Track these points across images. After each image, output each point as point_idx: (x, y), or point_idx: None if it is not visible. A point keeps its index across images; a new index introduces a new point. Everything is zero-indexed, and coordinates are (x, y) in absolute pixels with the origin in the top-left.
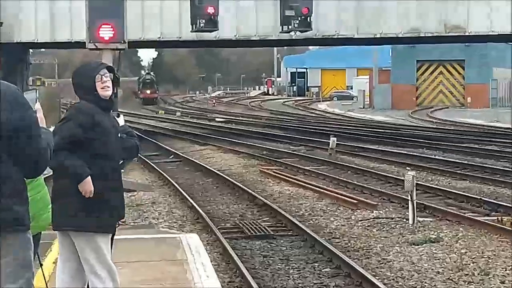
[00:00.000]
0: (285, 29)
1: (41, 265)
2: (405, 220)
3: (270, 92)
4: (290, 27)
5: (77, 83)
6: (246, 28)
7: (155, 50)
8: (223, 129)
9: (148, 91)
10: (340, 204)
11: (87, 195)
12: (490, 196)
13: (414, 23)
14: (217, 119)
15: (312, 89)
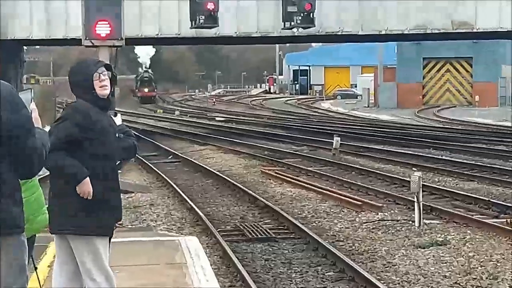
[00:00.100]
0: (287, 25)
1: (35, 268)
2: (411, 223)
3: (271, 91)
4: (292, 23)
5: (74, 81)
6: (247, 25)
7: (153, 47)
8: (223, 129)
9: (146, 89)
10: (344, 206)
11: (85, 196)
12: (499, 198)
13: (420, 19)
14: (217, 118)
15: (315, 87)
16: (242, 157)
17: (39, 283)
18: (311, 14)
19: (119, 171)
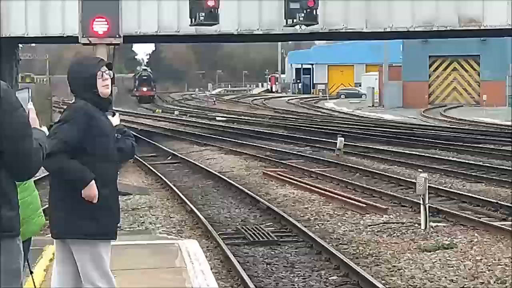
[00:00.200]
0: (290, 22)
1: (31, 272)
2: (417, 225)
3: (273, 90)
4: (295, 20)
5: (75, 79)
6: (248, 22)
7: (152, 45)
8: (224, 129)
9: (144, 88)
10: (348, 208)
11: (91, 200)
12: (507, 200)
13: (426, 16)
14: (217, 118)
15: (318, 86)
16: (243, 158)
17: (35, 287)
18: (314, 10)
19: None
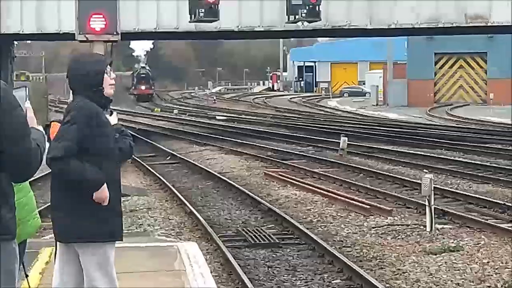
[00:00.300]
0: (292, 19)
1: (26, 276)
2: (422, 227)
3: (275, 88)
4: (297, 17)
5: (81, 75)
6: (249, 18)
7: (150, 42)
8: (224, 128)
9: (143, 86)
10: (351, 210)
11: (102, 202)
12: None
13: (431, 12)
14: (217, 117)
15: (321, 85)
16: (244, 158)
17: None
18: (317, 7)
19: None
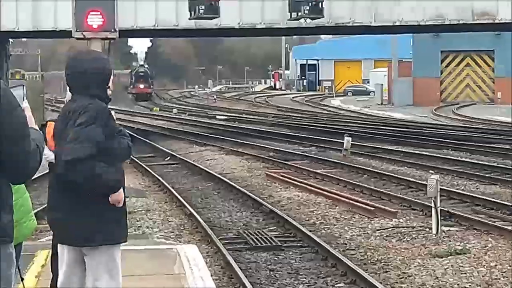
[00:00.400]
0: (294, 16)
1: (22, 279)
2: (428, 230)
3: (277, 87)
4: (299, 13)
5: (93, 74)
6: (250, 15)
7: (150, 40)
8: (224, 128)
9: (141, 85)
10: (355, 212)
11: (118, 204)
12: None
13: (437, 9)
14: (218, 116)
15: (324, 83)
16: (245, 159)
17: None
18: (320, 3)
19: None
